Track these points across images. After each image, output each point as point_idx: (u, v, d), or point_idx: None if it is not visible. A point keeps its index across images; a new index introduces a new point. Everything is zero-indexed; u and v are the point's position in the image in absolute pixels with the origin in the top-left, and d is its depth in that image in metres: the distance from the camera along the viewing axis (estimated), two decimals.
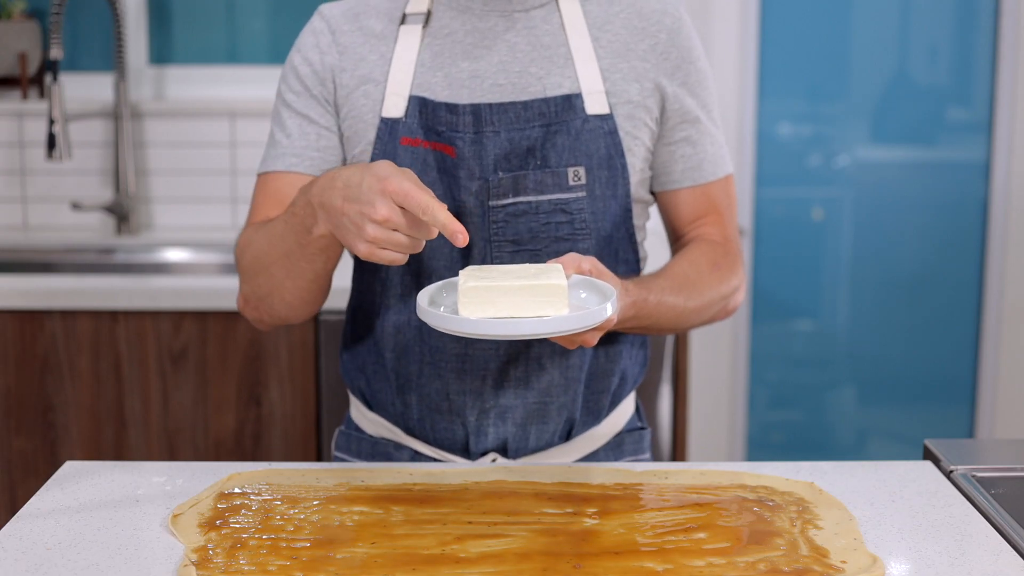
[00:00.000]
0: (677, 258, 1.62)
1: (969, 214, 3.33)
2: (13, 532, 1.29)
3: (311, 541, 1.26)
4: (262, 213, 1.61)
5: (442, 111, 1.56)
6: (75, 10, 3.10)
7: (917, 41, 3.28)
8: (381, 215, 1.29)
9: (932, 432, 3.37)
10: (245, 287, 1.59)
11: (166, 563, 1.23)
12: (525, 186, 1.54)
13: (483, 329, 1.25)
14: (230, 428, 2.46)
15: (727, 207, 1.68)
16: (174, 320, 2.43)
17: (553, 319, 1.25)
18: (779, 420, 3.43)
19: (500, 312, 1.26)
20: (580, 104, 1.56)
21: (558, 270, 1.30)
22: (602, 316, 1.27)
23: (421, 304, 1.29)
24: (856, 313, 3.37)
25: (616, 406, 1.68)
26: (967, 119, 3.30)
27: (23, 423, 2.46)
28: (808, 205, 3.30)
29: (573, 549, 1.24)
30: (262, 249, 1.53)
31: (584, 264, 1.38)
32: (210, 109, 3.03)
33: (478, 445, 1.61)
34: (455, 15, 1.60)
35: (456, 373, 1.58)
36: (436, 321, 1.27)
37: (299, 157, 1.61)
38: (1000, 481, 1.44)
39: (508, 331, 1.25)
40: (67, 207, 3.03)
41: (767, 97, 3.26)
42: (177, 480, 1.45)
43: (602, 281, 1.36)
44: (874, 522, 1.33)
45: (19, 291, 2.42)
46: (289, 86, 1.63)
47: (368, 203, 1.29)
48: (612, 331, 1.60)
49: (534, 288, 1.26)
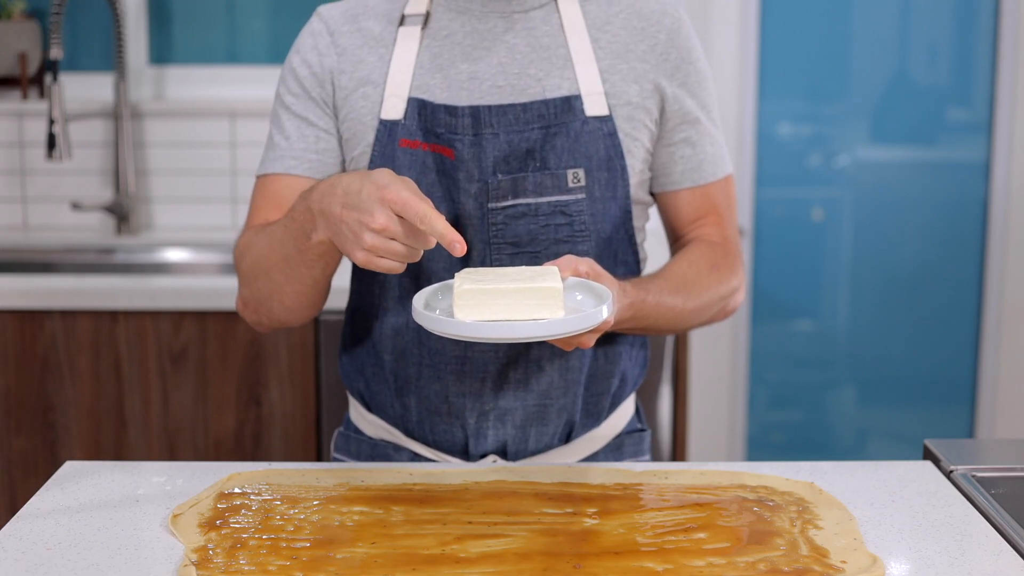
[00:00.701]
0: (676, 259, 1.62)
1: (969, 214, 3.33)
2: (13, 532, 1.29)
3: (311, 541, 1.26)
4: (261, 216, 1.61)
5: (441, 113, 1.56)
6: (75, 10, 3.10)
7: (917, 41, 3.28)
8: (379, 224, 1.29)
9: (932, 432, 3.37)
10: (244, 290, 1.59)
11: (166, 563, 1.23)
12: (524, 188, 1.54)
13: (478, 332, 1.25)
14: (230, 428, 2.46)
15: (727, 208, 1.67)
16: (174, 320, 2.43)
17: (548, 322, 1.25)
18: (779, 420, 3.43)
19: (495, 315, 1.26)
20: (579, 106, 1.56)
21: (554, 273, 1.30)
22: (597, 319, 1.27)
23: (417, 307, 1.30)
24: (856, 313, 3.37)
25: (616, 408, 1.68)
26: (967, 119, 3.30)
27: (23, 423, 2.46)
28: (808, 205, 3.30)
29: (573, 549, 1.24)
30: (262, 253, 1.52)
31: (581, 266, 1.38)
32: (210, 109, 3.03)
33: (478, 447, 1.61)
34: (454, 16, 1.60)
35: (455, 375, 1.58)
36: (432, 324, 1.27)
37: (298, 159, 1.61)
38: (1000, 481, 1.45)
39: (503, 334, 1.25)
40: (67, 207, 3.03)
41: (767, 97, 3.26)
42: (177, 480, 1.45)
43: (598, 284, 1.36)
44: (874, 522, 1.33)
45: (19, 291, 2.42)
46: (288, 88, 1.63)
47: (367, 211, 1.29)
48: (611, 332, 1.60)
49: (529, 291, 1.26)
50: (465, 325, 1.25)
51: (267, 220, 1.59)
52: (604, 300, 1.31)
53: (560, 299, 1.26)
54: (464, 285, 1.27)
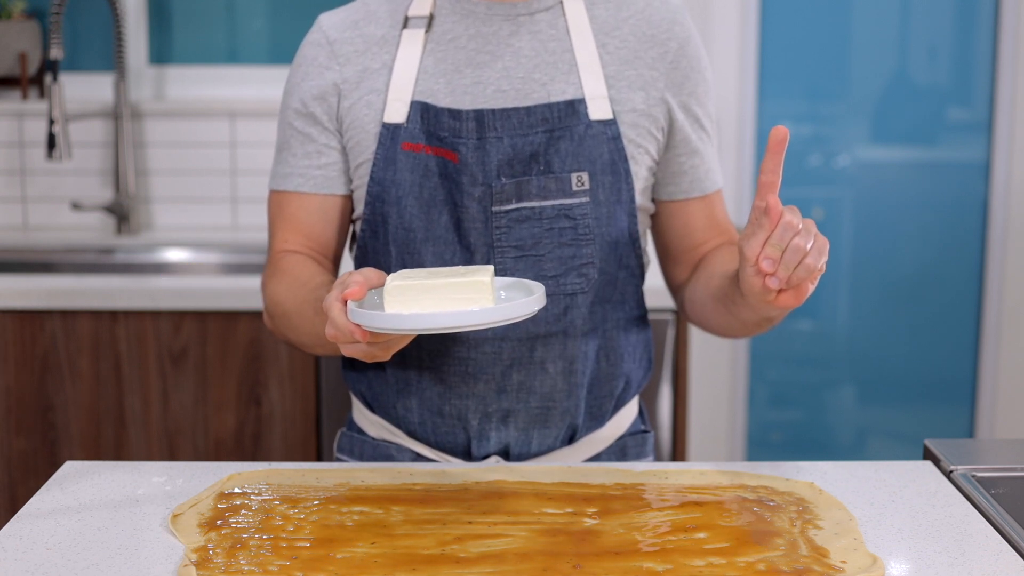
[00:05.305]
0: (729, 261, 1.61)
1: (969, 214, 3.33)
2: (13, 532, 1.29)
3: (311, 541, 1.26)
4: (282, 238, 1.64)
5: (445, 117, 1.56)
6: (75, 10, 3.10)
7: (917, 41, 3.28)
8: (347, 352, 1.33)
9: (932, 432, 3.37)
10: (270, 321, 1.64)
11: (166, 563, 1.23)
12: (528, 191, 1.54)
13: (396, 324, 1.24)
14: (230, 428, 2.46)
15: (727, 219, 1.69)
16: (174, 320, 2.43)
17: (474, 312, 1.23)
18: (779, 420, 3.43)
19: (425, 309, 1.25)
20: (583, 109, 1.56)
21: (486, 269, 1.29)
22: (527, 309, 1.26)
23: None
24: (856, 313, 3.37)
25: (619, 410, 1.68)
26: (967, 119, 3.30)
27: (23, 423, 2.46)
28: (808, 205, 3.30)
29: (573, 549, 1.24)
30: (290, 314, 1.56)
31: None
32: (210, 109, 3.03)
33: (480, 449, 1.61)
34: (458, 19, 1.60)
35: (458, 377, 1.58)
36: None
37: (304, 177, 1.63)
38: (1000, 481, 1.45)
39: (424, 324, 1.23)
40: (67, 207, 3.03)
41: (767, 97, 3.26)
42: (177, 480, 1.45)
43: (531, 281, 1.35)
44: (874, 522, 1.33)
45: (19, 291, 2.42)
46: (289, 103, 1.64)
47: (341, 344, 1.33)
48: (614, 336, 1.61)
49: (458, 285, 1.25)
50: (383, 316, 1.24)
51: (287, 242, 1.63)
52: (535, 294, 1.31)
53: (489, 291, 1.25)
54: (394, 282, 1.27)
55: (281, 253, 1.64)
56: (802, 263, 1.30)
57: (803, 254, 1.30)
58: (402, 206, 1.56)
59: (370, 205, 1.58)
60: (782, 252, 1.30)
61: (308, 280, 1.55)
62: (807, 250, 1.30)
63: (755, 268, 1.33)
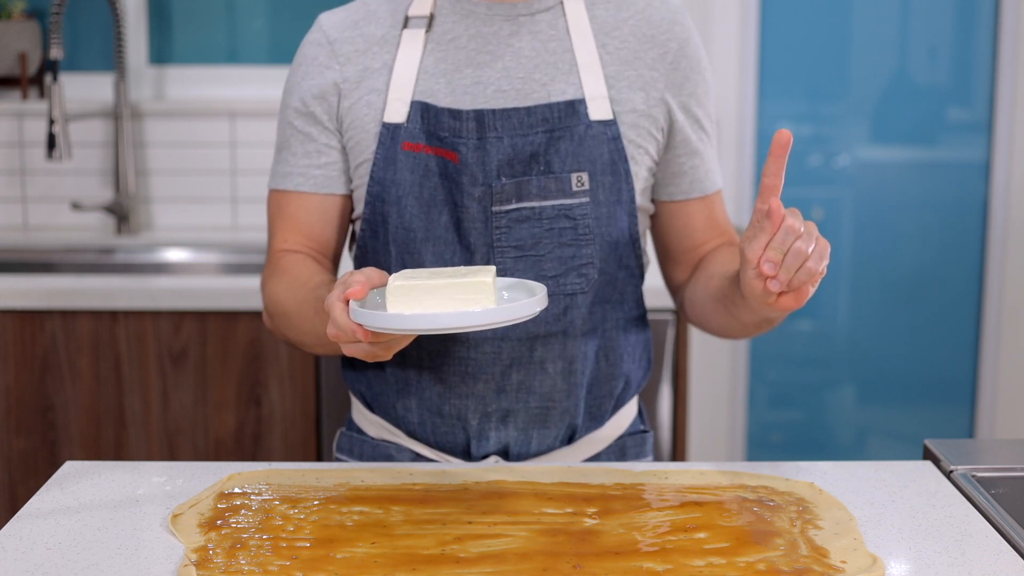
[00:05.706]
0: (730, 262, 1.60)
1: (969, 214, 3.33)
2: (13, 532, 1.29)
3: (311, 541, 1.26)
4: (281, 237, 1.64)
5: (445, 117, 1.56)
6: (75, 10, 3.10)
7: (917, 41, 3.28)
8: (348, 352, 1.33)
9: (932, 432, 3.37)
10: (270, 321, 1.64)
11: (166, 563, 1.23)
12: (528, 192, 1.54)
13: (398, 324, 1.24)
14: (230, 428, 2.46)
15: (727, 219, 1.69)
16: (174, 320, 2.43)
17: (477, 312, 1.23)
18: (779, 420, 3.43)
19: (427, 310, 1.25)
20: (583, 109, 1.56)
21: (488, 270, 1.29)
22: (529, 309, 1.26)
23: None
24: (856, 313, 3.37)
25: (619, 410, 1.68)
26: (967, 119, 3.30)
27: (23, 423, 2.46)
28: (808, 205, 3.30)
29: (573, 549, 1.24)
30: (290, 314, 1.56)
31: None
32: (210, 109, 3.03)
33: (480, 449, 1.61)
34: (459, 19, 1.60)
35: (458, 377, 1.58)
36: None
37: (304, 176, 1.63)
38: (1000, 481, 1.45)
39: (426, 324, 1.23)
40: (67, 207, 3.03)
41: (767, 97, 3.26)
42: (177, 480, 1.45)
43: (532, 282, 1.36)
44: (874, 522, 1.33)
45: (19, 291, 2.42)
46: (289, 102, 1.64)
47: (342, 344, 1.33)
48: (614, 336, 1.61)
49: (461, 285, 1.26)
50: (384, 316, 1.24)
51: (286, 242, 1.63)
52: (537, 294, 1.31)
53: (491, 292, 1.26)
54: (397, 282, 1.27)
55: (281, 253, 1.64)
56: (803, 266, 1.31)
57: (804, 258, 1.30)
58: (402, 206, 1.56)
59: (370, 205, 1.58)
60: (784, 255, 1.30)
61: (308, 280, 1.55)
62: (809, 254, 1.30)
63: (756, 271, 1.33)
